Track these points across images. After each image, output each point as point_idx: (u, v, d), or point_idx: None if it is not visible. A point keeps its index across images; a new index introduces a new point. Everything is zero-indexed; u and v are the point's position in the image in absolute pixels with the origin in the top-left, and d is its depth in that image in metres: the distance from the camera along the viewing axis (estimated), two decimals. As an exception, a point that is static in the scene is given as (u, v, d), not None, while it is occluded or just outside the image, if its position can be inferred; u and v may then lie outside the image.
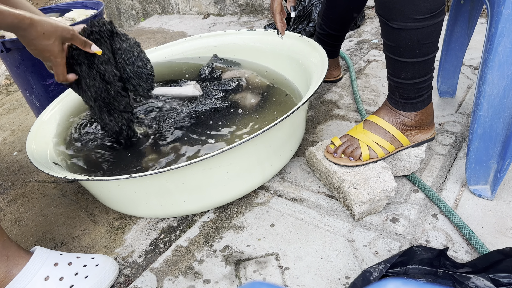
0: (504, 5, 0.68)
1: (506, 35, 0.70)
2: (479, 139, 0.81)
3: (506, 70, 0.73)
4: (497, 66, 0.73)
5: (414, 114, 0.86)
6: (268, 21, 2.18)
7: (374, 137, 0.87)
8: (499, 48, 0.71)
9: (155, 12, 2.75)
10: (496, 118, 0.78)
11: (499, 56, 0.72)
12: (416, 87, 0.82)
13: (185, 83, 1.20)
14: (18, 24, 0.72)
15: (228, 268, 0.79)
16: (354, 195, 0.82)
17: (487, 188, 0.85)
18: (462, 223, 0.78)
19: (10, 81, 1.96)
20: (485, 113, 0.78)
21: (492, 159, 0.82)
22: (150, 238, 0.89)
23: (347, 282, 0.73)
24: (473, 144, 0.82)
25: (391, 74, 0.85)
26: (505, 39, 0.71)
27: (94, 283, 0.76)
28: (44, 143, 1.00)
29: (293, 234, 0.84)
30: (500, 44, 0.71)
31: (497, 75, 0.74)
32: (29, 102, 1.37)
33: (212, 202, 0.89)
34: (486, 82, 0.75)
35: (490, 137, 0.80)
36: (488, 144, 0.81)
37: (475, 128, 0.80)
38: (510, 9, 0.68)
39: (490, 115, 0.78)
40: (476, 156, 0.83)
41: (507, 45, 0.71)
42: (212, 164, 0.80)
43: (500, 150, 0.80)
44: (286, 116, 0.82)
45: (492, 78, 0.74)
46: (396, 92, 0.85)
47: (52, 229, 0.97)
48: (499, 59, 0.72)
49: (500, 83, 0.75)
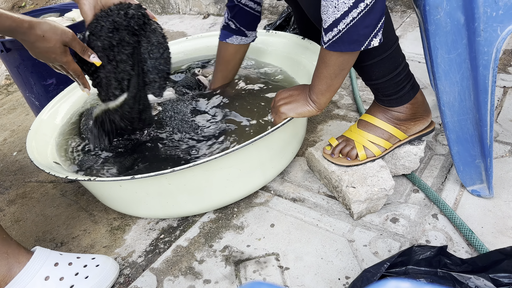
0: (427, 23, 0.71)
1: (439, 47, 0.73)
2: (456, 143, 0.82)
3: (453, 77, 0.75)
4: (444, 76, 0.75)
5: (404, 107, 0.85)
6: (268, 21, 2.18)
7: (369, 136, 0.87)
8: (438, 60, 0.74)
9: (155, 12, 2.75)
10: (464, 121, 0.79)
11: (441, 66, 0.74)
12: (393, 83, 0.81)
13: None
14: (17, 27, 0.72)
15: (228, 268, 0.79)
16: (352, 194, 0.82)
17: (484, 187, 0.85)
18: (462, 223, 0.78)
19: (10, 81, 1.96)
20: (450, 119, 0.80)
21: (478, 159, 0.83)
22: (150, 238, 0.89)
23: (347, 282, 0.73)
24: (453, 149, 0.83)
25: (362, 78, 0.85)
26: (441, 51, 0.73)
27: (94, 283, 0.76)
28: (44, 142, 1.00)
29: (293, 234, 0.84)
30: (438, 56, 0.74)
31: (447, 83, 0.76)
32: (29, 102, 1.37)
33: (213, 203, 0.89)
34: (440, 92, 0.77)
35: (465, 139, 0.81)
36: (466, 146, 0.82)
37: (448, 134, 0.81)
38: (433, 24, 0.71)
39: (456, 120, 0.80)
40: (460, 159, 0.84)
41: (445, 56, 0.73)
42: (214, 166, 0.80)
43: (480, 149, 0.81)
44: (289, 119, 0.82)
45: (444, 87, 0.76)
46: (377, 92, 0.85)
47: (52, 229, 0.97)
48: (443, 69, 0.75)
49: (452, 90, 0.77)
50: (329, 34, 0.71)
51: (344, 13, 0.67)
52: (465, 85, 0.75)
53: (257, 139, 0.78)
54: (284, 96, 0.87)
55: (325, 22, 0.70)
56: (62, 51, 0.79)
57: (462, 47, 0.72)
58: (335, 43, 0.71)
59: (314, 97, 0.82)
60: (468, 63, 0.73)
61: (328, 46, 0.72)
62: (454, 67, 0.74)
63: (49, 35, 0.76)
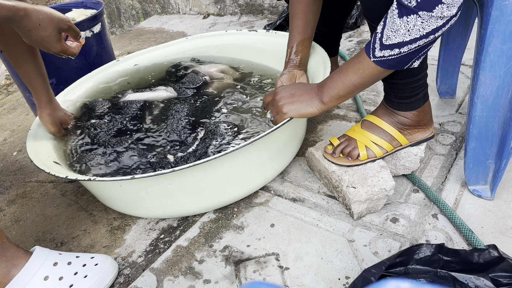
0: (492, 7, 0.68)
1: (495, 35, 0.70)
2: (475, 139, 0.81)
3: (497, 70, 0.73)
4: (489, 67, 0.73)
5: (411, 113, 0.85)
6: (268, 21, 2.18)
7: (372, 136, 0.87)
8: (490, 49, 0.72)
9: (155, 12, 2.75)
10: (491, 118, 0.78)
11: (490, 56, 0.72)
12: (410, 86, 0.82)
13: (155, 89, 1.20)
14: (13, 16, 0.70)
15: (228, 268, 0.79)
16: (353, 194, 0.82)
17: (486, 188, 0.85)
18: (462, 223, 0.78)
19: (10, 81, 1.96)
20: (479, 113, 0.78)
21: (490, 159, 0.82)
22: (150, 238, 0.89)
23: (347, 282, 0.73)
24: (470, 145, 0.82)
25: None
26: (495, 40, 0.71)
27: (93, 282, 0.76)
28: (44, 142, 1.00)
29: (293, 234, 0.84)
30: (490, 45, 0.71)
31: (489, 75, 0.74)
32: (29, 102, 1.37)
33: (213, 203, 0.89)
34: (479, 83, 0.75)
35: (486, 137, 0.80)
36: (484, 144, 0.81)
37: (471, 129, 0.80)
38: (498, 10, 0.68)
39: (484, 115, 0.78)
40: (473, 157, 0.83)
41: (497, 46, 0.71)
42: (214, 166, 0.80)
43: (497, 149, 0.80)
44: (289, 119, 0.82)
45: (485, 79, 0.75)
46: (391, 92, 0.85)
47: (52, 229, 0.97)
48: (490, 59, 0.72)
49: (492, 83, 0.75)
50: (385, 51, 0.70)
51: (413, 39, 0.67)
52: (507, 81, 0.74)
53: (257, 139, 0.78)
54: (285, 95, 0.86)
55: (388, 38, 0.69)
56: (57, 39, 0.78)
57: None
58: (389, 61, 0.71)
59: (327, 99, 0.80)
60: None
61: (379, 62, 0.71)
62: (503, 60, 0.72)
63: (45, 23, 0.74)
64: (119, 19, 3.04)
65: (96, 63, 1.34)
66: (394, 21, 0.67)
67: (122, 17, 3.02)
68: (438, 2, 0.62)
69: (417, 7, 0.63)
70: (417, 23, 0.64)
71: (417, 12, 0.63)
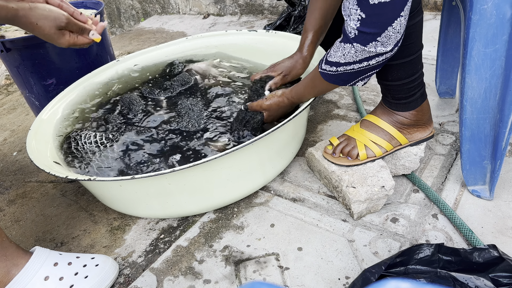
0: (472, 11, 0.69)
1: (477, 39, 0.71)
2: (469, 141, 0.81)
3: (483, 73, 0.74)
4: (474, 70, 0.74)
5: (410, 113, 0.86)
6: (268, 21, 2.18)
7: (371, 136, 0.87)
8: (473, 53, 0.73)
9: (155, 12, 2.75)
10: (482, 120, 0.79)
11: (474, 60, 0.73)
12: (406, 87, 0.82)
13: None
14: (13, 17, 0.73)
15: (228, 268, 0.79)
16: (352, 194, 0.82)
17: (485, 188, 0.85)
18: (462, 223, 0.78)
19: (10, 81, 1.96)
20: (470, 115, 0.79)
21: (486, 160, 0.82)
22: (150, 238, 0.89)
23: (347, 282, 0.73)
24: (464, 147, 0.82)
25: (378, 77, 0.85)
26: (478, 43, 0.72)
27: (94, 283, 0.76)
28: (44, 141, 1.00)
29: (293, 234, 0.84)
30: (473, 49, 0.72)
31: (476, 78, 0.75)
32: (29, 102, 1.37)
33: (213, 203, 0.89)
34: (466, 86, 0.76)
35: (480, 138, 0.81)
36: (478, 145, 0.81)
37: (463, 131, 0.81)
38: (477, 14, 0.69)
39: (475, 117, 0.79)
40: (469, 158, 0.83)
41: (481, 49, 0.72)
42: (213, 166, 0.80)
43: (491, 150, 0.81)
44: (289, 119, 0.82)
45: (471, 82, 0.75)
46: (388, 94, 0.85)
47: (52, 229, 0.97)
48: (475, 63, 0.73)
49: (479, 86, 0.75)
50: (327, 66, 0.76)
51: (348, 63, 0.72)
52: (494, 83, 0.74)
53: (257, 139, 0.78)
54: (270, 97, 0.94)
55: (330, 56, 0.75)
56: (59, 36, 0.78)
57: (501, 43, 0.70)
58: (329, 76, 0.77)
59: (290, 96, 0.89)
60: (503, 61, 0.72)
61: (322, 74, 0.78)
62: (487, 63, 0.72)
63: (42, 22, 0.75)
64: (119, 19, 3.04)
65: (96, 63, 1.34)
66: (336, 43, 0.73)
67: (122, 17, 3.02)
68: (372, 40, 0.66)
69: (353, 39, 0.68)
70: (351, 51, 0.69)
71: (352, 43, 0.68)
